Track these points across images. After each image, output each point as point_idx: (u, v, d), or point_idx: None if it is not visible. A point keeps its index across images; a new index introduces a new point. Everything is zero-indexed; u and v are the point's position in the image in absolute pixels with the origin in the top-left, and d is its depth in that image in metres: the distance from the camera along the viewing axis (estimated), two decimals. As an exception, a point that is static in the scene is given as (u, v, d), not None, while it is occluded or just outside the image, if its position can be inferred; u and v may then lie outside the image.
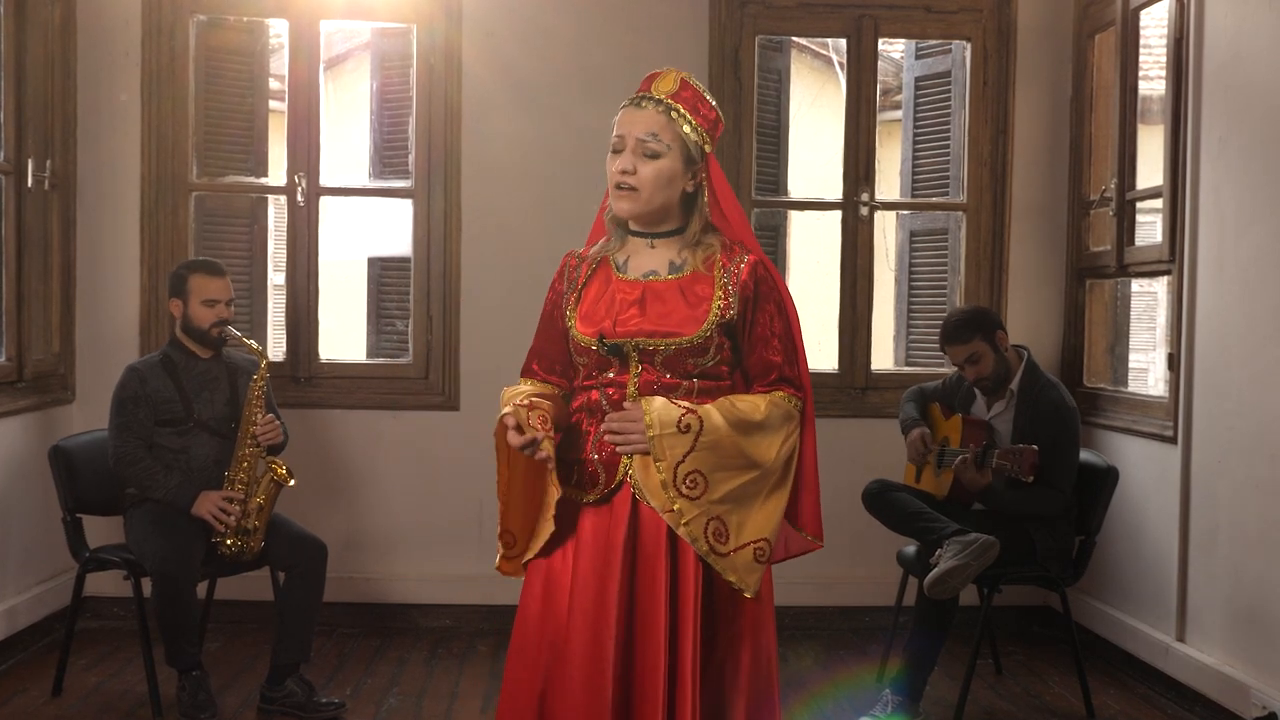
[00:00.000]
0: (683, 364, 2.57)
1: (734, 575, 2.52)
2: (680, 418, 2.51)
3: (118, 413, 4.18)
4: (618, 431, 2.54)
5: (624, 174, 2.56)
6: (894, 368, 5.70)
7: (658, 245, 2.65)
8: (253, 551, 4.14)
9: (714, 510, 2.52)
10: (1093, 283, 5.27)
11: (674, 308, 2.57)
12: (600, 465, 2.57)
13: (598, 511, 2.56)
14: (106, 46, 5.13)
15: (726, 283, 2.59)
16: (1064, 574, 4.23)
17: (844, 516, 5.05)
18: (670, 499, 2.50)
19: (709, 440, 2.51)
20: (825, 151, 8.08)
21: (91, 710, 4.15)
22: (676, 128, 2.57)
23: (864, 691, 4.42)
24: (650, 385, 2.56)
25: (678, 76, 2.61)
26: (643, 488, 2.53)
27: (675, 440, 2.50)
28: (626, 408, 2.55)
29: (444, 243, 5.22)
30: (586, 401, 2.62)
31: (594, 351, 2.58)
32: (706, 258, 2.61)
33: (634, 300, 2.58)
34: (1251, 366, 4.04)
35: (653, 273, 2.62)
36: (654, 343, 2.55)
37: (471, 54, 5.23)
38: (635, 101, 2.60)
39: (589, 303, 2.62)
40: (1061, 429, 4.18)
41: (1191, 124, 4.37)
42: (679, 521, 2.50)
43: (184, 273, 4.32)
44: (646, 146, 2.55)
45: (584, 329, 2.59)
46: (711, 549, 2.51)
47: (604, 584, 2.50)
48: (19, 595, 4.71)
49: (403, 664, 4.77)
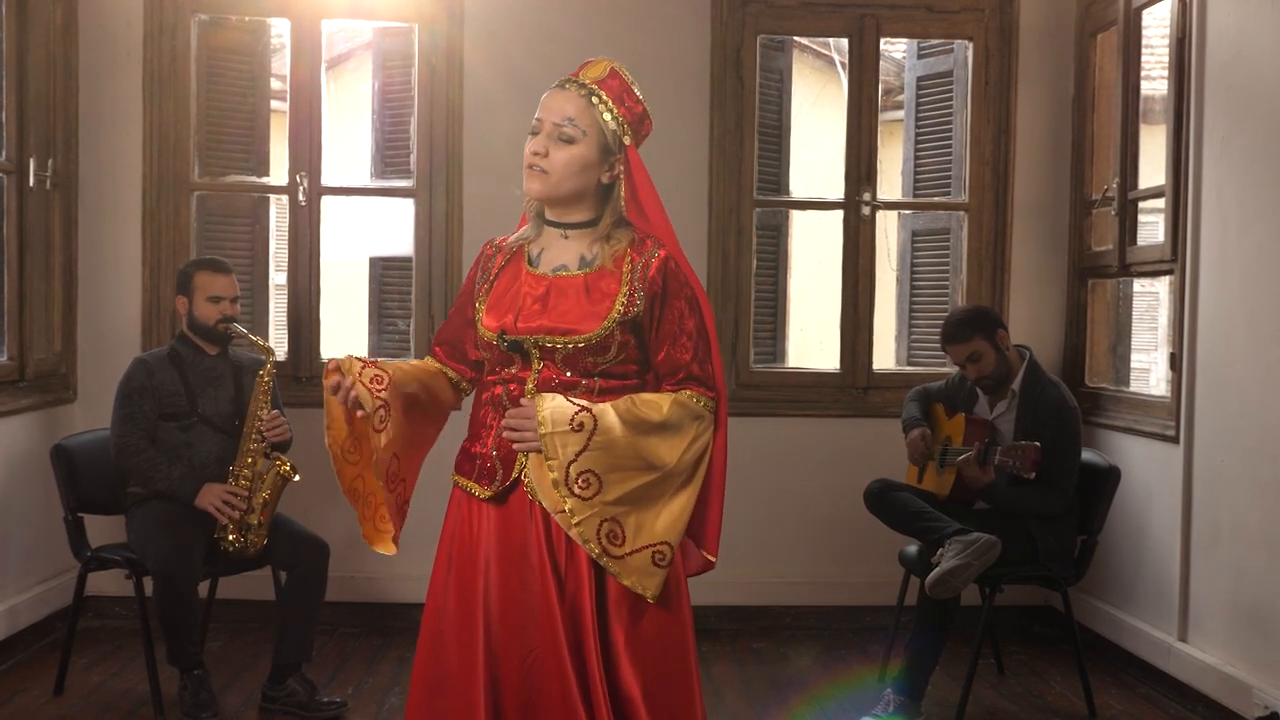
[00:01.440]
0: (583, 362, 2.51)
1: (630, 579, 2.45)
2: (573, 415, 2.44)
3: (122, 403, 4.18)
4: (514, 429, 2.49)
5: (535, 155, 2.53)
6: (895, 367, 5.70)
7: (571, 237, 2.59)
8: (255, 548, 4.13)
9: (608, 511, 2.45)
10: (1095, 282, 5.27)
11: (575, 304, 2.52)
12: (497, 461, 2.54)
13: (497, 509, 2.54)
14: (108, 46, 5.14)
15: (633, 278, 2.53)
16: (1066, 574, 4.23)
17: (845, 516, 5.08)
18: (561, 498, 2.44)
19: (602, 440, 2.44)
20: (827, 151, 8.07)
21: (93, 709, 4.15)
22: (595, 114, 2.53)
23: (865, 691, 4.42)
24: (549, 382, 2.51)
25: (609, 65, 2.58)
26: (535, 486, 2.48)
27: (568, 439, 2.43)
28: (523, 404, 2.51)
29: (445, 242, 5.23)
30: (490, 396, 2.59)
31: (495, 346, 2.54)
32: (615, 253, 2.56)
33: (538, 296, 2.54)
34: (1254, 366, 4.04)
35: (562, 267, 2.58)
36: (553, 340, 2.50)
37: (473, 54, 5.23)
38: (560, 84, 2.57)
39: (496, 295, 2.59)
40: (1063, 428, 4.17)
41: (1193, 123, 4.37)
42: (569, 522, 2.44)
43: (189, 270, 4.34)
44: (562, 131, 2.52)
45: (488, 323, 2.56)
46: (605, 551, 2.44)
47: (471, 583, 2.51)
48: (20, 594, 4.71)
49: (404, 663, 4.77)
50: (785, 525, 5.31)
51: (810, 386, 5.43)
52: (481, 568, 2.52)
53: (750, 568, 5.17)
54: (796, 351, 7.34)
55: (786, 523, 5.32)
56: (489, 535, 2.53)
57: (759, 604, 5.29)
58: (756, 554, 5.14)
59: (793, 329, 6.45)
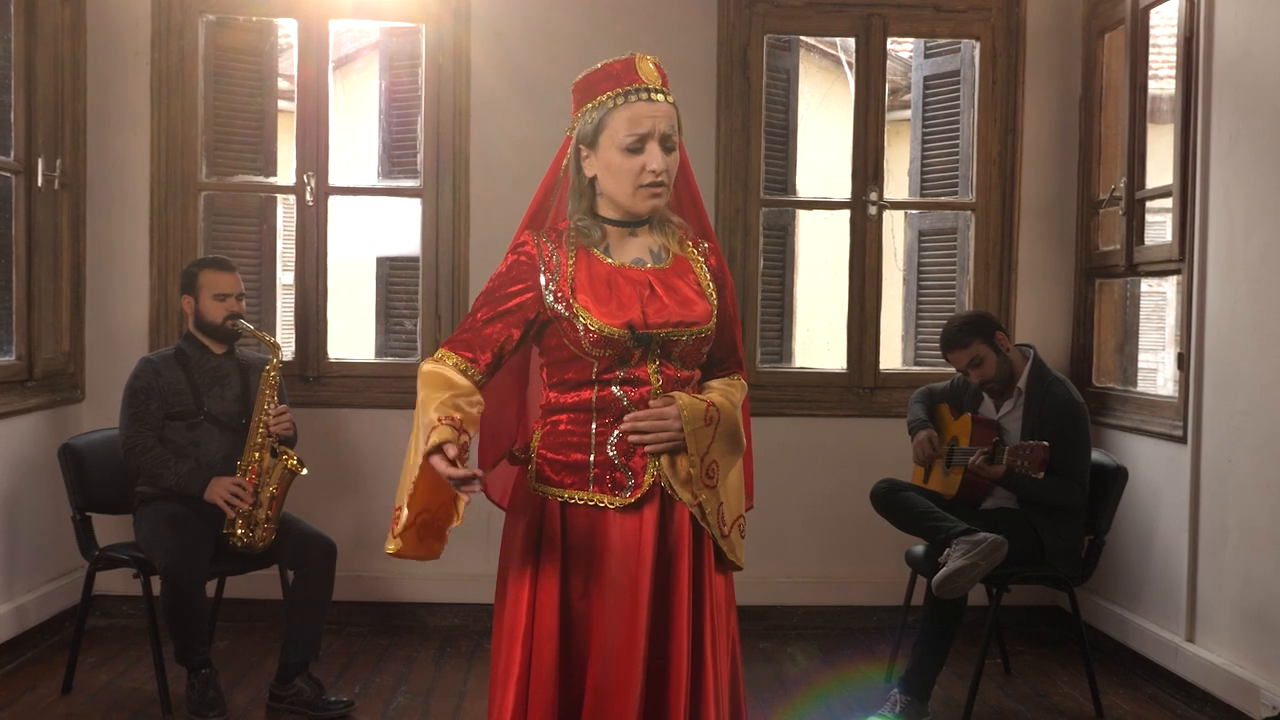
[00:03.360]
0: (697, 353, 2.54)
1: (734, 555, 2.56)
2: (705, 411, 2.48)
3: (130, 403, 4.19)
4: (646, 430, 2.44)
5: (659, 173, 2.45)
6: (902, 367, 5.70)
7: (638, 234, 2.57)
8: (264, 543, 4.14)
9: (720, 495, 2.53)
10: (1102, 282, 5.26)
11: (687, 295, 2.51)
12: (624, 467, 2.46)
13: (624, 517, 2.46)
14: (116, 46, 5.15)
15: (705, 269, 2.58)
16: (1073, 574, 4.23)
17: (852, 516, 5.08)
18: (697, 492, 2.48)
19: (723, 430, 2.51)
20: (834, 150, 8.09)
21: (101, 708, 4.16)
22: (679, 119, 2.52)
23: (871, 691, 4.42)
24: (671, 380, 2.49)
25: (653, 62, 2.53)
26: (673, 484, 2.47)
27: (704, 433, 2.48)
28: (653, 404, 2.46)
29: (452, 242, 5.24)
30: (596, 400, 2.47)
31: (618, 343, 2.43)
32: (680, 244, 2.58)
33: (647, 288, 2.49)
34: (1261, 366, 4.03)
35: (640, 260, 2.54)
36: (679, 333, 2.48)
37: (480, 54, 5.24)
38: (649, 95, 2.47)
39: (589, 289, 2.46)
40: (1071, 423, 4.17)
41: (1201, 123, 4.36)
42: (704, 513, 2.49)
43: (194, 269, 4.35)
44: (668, 141, 2.48)
45: (605, 319, 2.43)
46: (721, 534, 2.53)
47: (636, 588, 2.42)
48: (29, 593, 4.72)
49: (411, 662, 4.77)
50: (791, 525, 5.31)
51: (817, 386, 5.43)
52: (635, 575, 2.42)
53: (756, 567, 5.14)
54: (803, 351, 7.34)
55: (793, 522, 5.32)
56: (630, 541, 2.44)
57: (765, 603, 5.29)
58: (763, 553, 5.13)
59: (799, 329, 6.45)
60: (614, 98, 2.47)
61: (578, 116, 2.52)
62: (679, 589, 2.45)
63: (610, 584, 2.44)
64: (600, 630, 2.44)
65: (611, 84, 2.48)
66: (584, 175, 2.54)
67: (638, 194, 2.47)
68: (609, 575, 2.44)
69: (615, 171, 2.47)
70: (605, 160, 2.48)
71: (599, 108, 2.47)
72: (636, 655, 2.40)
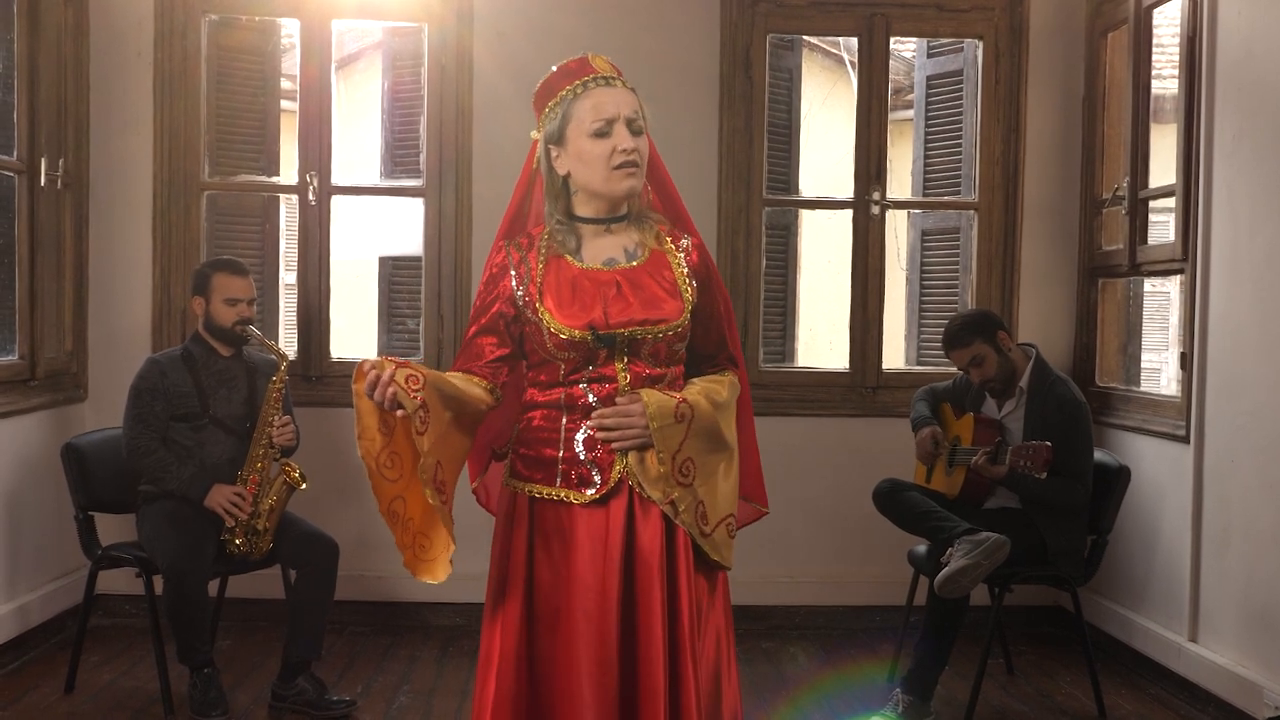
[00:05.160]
0: (668, 351, 2.53)
1: (717, 555, 2.55)
2: (675, 408, 2.49)
3: (134, 403, 4.20)
4: (612, 428, 2.47)
5: (629, 152, 2.48)
6: (905, 367, 5.70)
7: (614, 230, 2.57)
8: (260, 552, 4.15)
9: (699, 494, 2.52)
10: (1105, 282, 5.25)
11: (655, 294, 2.52)
12: (590, 463, 2.49)
13: (590, 512, 2.49)
14: (119, 47, 5.15)
15: (683, 264, 2.58)
16: (1075, 573, 4.22)
17: (854, 515, 5.08)
18: (669, 490, 2.48)
19: (698, 427, 2.51)
20: (836, 150, 8.08)
21: (103, 707, 4.16)
22: (642, 106, 2.54)
23: (874, 690, 4.42)
24: (640, 377, 2.51)
25: (606, 60, 2.57)
26: (642, 481, 2.48)
27: (673, 430, 2.48)
28: (619, 402, 2.49)
29: (455, 242, 5.24)
30: (564, 398, 2.51)
31: (581, 345, 2.47)
32: (657, 241, 2.58)
33: (613, 288, 2.51)
34: (1265, 365, 4.02)
35: (612, 260, 2.56)
36: (644, 331, 2.49)
37: (482, 53, 5.24)
38: (605, 82, 2.53)
39: (554, 293, 2.50)
40: (1073, 423, 4.17)
41: (1204, 122, 4.35)
42: (677, 511, 2.49)
43: (208, 271, 4.34)
44: (634, 124, 2.51)
45: (567, 321, 2.48)
46: (700, 532, 2.52)
47: (604, 584, 2.44)
48: (31, 593, 4.73)
49: (413, 662, 4.78)
50: (794, 524, 5.31)
51: (820, 386, 5.43)
52: (602, 571, 2.45)
53: (758, 567, 5.16)
54: (806, 351, 7.34)
55: (795, 522, 5.31)
56: (597, 537, 2.47)
57: (767, 603, 5.29)
58: (765, 553, 5.13)
59: (802, 328, 6.45)
60: (573, 89, 2.54)
61: (542, 119, 2.59)
62: (650, 587, 2.46)
63: (578, 579, 2.48)
64: (568, 625, 2.47)
65: (569, 80, 2.55)
66: (557, 175, 2.58)
67: (612, 176, 2.51)
68: (577, 570, 2.49)
69: (587, 159, 2.51)
70: (576, 150, 2.52)
71: (560, 103, 2.55)
72: (609, 649, 2.44)
